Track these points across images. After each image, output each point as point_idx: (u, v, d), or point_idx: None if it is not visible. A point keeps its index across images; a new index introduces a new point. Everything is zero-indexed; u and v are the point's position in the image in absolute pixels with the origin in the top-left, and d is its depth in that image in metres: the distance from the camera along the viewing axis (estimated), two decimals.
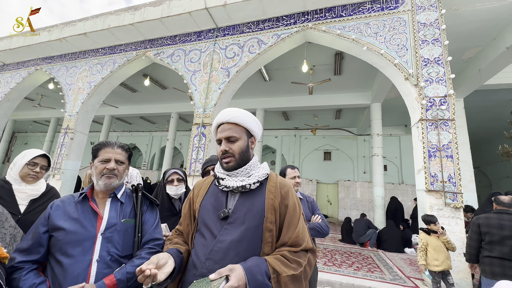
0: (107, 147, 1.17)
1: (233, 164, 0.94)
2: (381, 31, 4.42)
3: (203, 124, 5.22)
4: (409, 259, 5.15)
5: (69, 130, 6.52)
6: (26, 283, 0.91)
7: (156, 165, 16.11)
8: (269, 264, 0.79)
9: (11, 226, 1.12)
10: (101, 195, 1.15)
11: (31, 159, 1.40)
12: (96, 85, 6.58)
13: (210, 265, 0.83)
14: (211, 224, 0.91)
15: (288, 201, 0.93)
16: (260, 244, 0.87)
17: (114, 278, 0.98)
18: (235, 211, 0.91)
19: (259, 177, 0.95)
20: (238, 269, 0.74)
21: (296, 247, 0.86)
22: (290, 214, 0.91)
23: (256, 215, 0.89)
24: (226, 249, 0.84)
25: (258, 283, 0.74)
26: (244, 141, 0.97)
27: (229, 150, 0.95)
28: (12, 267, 0.95)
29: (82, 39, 6.64)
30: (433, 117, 3.81)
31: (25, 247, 1.00)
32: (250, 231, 0.87)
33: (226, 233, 0.87)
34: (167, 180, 1.78)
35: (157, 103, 11.57)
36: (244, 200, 0.93)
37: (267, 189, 0.94)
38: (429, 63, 4.01)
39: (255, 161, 0.99)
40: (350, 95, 8.85)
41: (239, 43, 5.39)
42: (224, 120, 0.98)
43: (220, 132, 0.98)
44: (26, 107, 13.08)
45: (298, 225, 0.90)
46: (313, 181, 12.92)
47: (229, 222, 0.89)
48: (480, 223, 2.51)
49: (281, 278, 0.78)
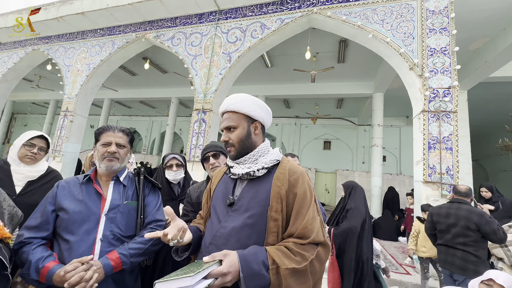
0: (108, 131, 1.20)
1: (233, 154, 0.93)
2: (388, 18, 4.28)
3: (203, 110, 5.18)
4: (402, 247, 5.29)
5: (69, 113, 6.48)
6: (35, 256, 0.95)
7: (156, 150, 16.16)
8: (269, 254, 0.75)
9: (9, 206, 1.13)
10: (105, 178, 1.19)
11: (28, 139, 1.40)
12: (95, 67, 6.46)
13: (212, 250, 0.82)
14: (219, 211, 0.93)
15: (297, 189, 0.87)
16: (264, 233, 0.83)
17: (117, 252, 1.03)
18: (240, 198, 0.90)
19: (266, 164, 0.91)
20: (232, 255, 0.73)
21: (303, 239, 0.79)
22: (298, 203, 0.85)
23: (260, 202, 0.85)
24: (227, 235, 0.84)
25: (252, 272, 0.70)
26: (243, 128, 0.93)
27: (229, 140, 0.93)
28: (21, 242, 0.99)
29: (80, 19, 6.44)
30: (435, 108, 3.78)
31: (34, 224, 1.04)
32: (253, 219, 0.84)
33: (229, 219, 0.87)
34: (166, 165, 1.79)
35: (157, 87, 11.42)
36: (250, 187, 0.91)
37: (275, 176, 0.90)
38: (435, 53, 3.92)
39: (264, 147, 0.95)
40: (353, 84, 8.72)
41: (242, 27, 5.24)
42: (223, 109, 0.98)
43: (222, 121, 0.98)
44: (24, 88, 12.92)
45: (307, 215, 0.83)
46: (311, 170, 13.01)
47: (234, 209, 0.89)
48: (433, 212, 2.59)
49: (280, 270, 0.72)
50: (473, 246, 2.25)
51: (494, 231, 2.15)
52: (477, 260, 2.20)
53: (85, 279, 0.88)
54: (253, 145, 0.94)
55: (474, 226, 2.25)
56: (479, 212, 2.28)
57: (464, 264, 2.24)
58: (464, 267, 2.24)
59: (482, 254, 2.22)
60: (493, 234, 2.16)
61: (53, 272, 0.91)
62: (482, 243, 2.24)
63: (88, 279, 0.89)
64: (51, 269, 0.92)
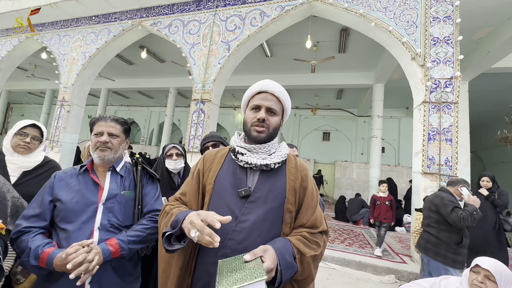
0: (100, 121, 1.19)
1: (264, 136, 0.89)
2: (391, 5, 4.17)
3: (202, 100, 5.12)
4: (398, 237, 5.38)
5: (65, 103, 6.39)
6: (35, 243, 0.95)
7: (155, 141, 16.11)
8: (293, 245, 0.80)
9: (13, 197, 1.12)
10: (101, 169, 1.18)
11: (20, 128, 1.36)
12: (91, 56, 6.32)
13: (233, 245, 0.80)
14: (229, 202, 0.87)
15: (307, 184, 0.94)
16: (281, 224, 0.87)
17: (115, 239, 1.04)
18: (257, 190, 0.87)
19: (282, 157, 0.92)
20: (271, 250, 0.74)
21: (314, 229, 0.88)
22: (308, 197, 0.92)
23: (278, 195, 0.88)
24: (249, 229, 0.82)
25: (287, 264, 0.75)
26: (279, 119, 0.95)
27: (267, 120, 0.90)
28: (19, 231, 0.99)
29: (74, 5, 6.25)
30: (436, 99, 3.75)
31: (31, 213, 1.03)
32: (273, 212, 0.86)
33: (247, 212, 0.84)
34: (166, 154, 1.78)
35: (154, 77, 11.26)
36: (266, 179, 0.90)
37: (288, 170, 0.93)
38: (438, 42, 3.85)
39: (275, 140, 0.97)
40: (353, 74, 8.63)
41: (241, 15, 5.11)
42: (269, 89, 0.93)
43: (262, 99, 0.91)
44: (20, 78, 12.70)
45: (316, 208, 0.91)
46: (310, 161, 13.07)
47: (250, 201, 0.86)
48: (424, 200, 2.71)
49: (305, 258, 0.80)
50: (434, 228, 2.36)
51: (448, 213, 2.22)
52: (438, 242, 2.29)
53: (88, 260, 0.89)
54: (274, 137, 0.94)
55: (434, 208, 2.38)
56: (442, 196, 2.38)
57: (425, 245, 2.39)
58: (426, 247, 2.38)
59: (444, 236, 2.27)
60: (447, 216, 2.24)
61: (53, 256, 0.91)
62: (445, 225, 2.29)
63: (90, 260, 0.90)
64: (51, 253, 0.92)
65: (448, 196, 2.36)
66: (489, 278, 1.23)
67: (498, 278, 1.21)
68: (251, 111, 0.93)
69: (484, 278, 1.24)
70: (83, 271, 0.88)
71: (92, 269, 0.90)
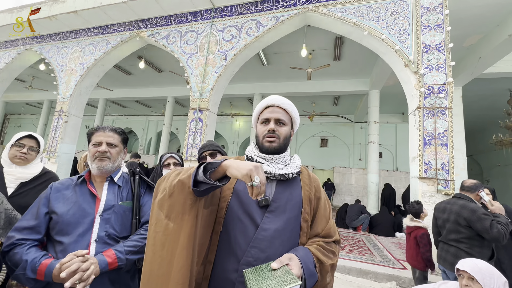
0: (98, 131, 1.19)
1: (276, 146, 0.93)
2: (383, 15, 4.29)
3: (199, 109, 5.15)
4: (399, 242, 5.35)
5: (63, 113, 6.40)
6: (30, 256, 0.93)
7: (152, 150, 16.06)
8: (313, 254, 0.83)
9: (7, 209, 1.11)
10: (99, 179, 1.17)
11: (16, 140, 1.38)
12: (89, 66, 6.38)
13: (256, 254, 0.80)
14: (251, 210, 0.87)
15: (320, 194, 0.98)
16: (299, 233, 0.89)
17: (112, 250, 1.02)
18: (276, 200, 0.89)
19: (297, 168, 0.96)
20: (296, 258, 0.77)
21: (328, 238, 0.92)
22: (322, 207, 0.96)
23: (296, 205, 0.91)
24: (271, 237, 0.83)
25: (310, 272, 0.77)
26: (289, 129, 0.98)
27: (276, 131, 0.94)
28: (12, 244, 0.96)
29: (72, 18, 6.35)
30: (430, 105, 3.81)
31: (25, 225, 1.00)
32: (291, 221, 0.88)
33: (268, 221, 0.85)
34: (164, 164, 1.78)
35: (152, 86, 11.33)
36: (283, 189, 0.92)
37: (302, 180, 0.97)
38: (430, 49, 3.95)
39: (288, 152, 1.00)
40: (349, 81, 8.75)
41: (237, 25, 5.22)
42: (275, 103, 0.98)
43: (270, 112, 0.97)
44: (17, 89, 12.72)
45: (329, 218, 0.96)
46: (309, 167, 13.06)
47: (270, 210, 0.87)
48: (435, 207, 2.50)
49: (324, 267, 0.82)
50: (465, 243, 2.11)
51: (486, 229, 1.94)
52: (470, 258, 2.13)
53: (82, 269, 0.88)
54: (286, 147, 0.98)
55: (464, 222, 2.10)
56: (472, 207, 2.09)
57: (454, 261, 2.08)
58: (454, 264, 2.17)
59: (476, 252, 2.05)
60: (485, 232, 1.96)
61: (52, 267, 0.90)
62: (477, 241, 2.06)
63: (85, 269, 0.89)
64: (49, 264, 0.91)
65: (478, 208, 2.08)
66: (472, 279, 1.23)
67: (479, 277, 1.21)
68: (262, 125, 0.98)
69: (468, 280, 1.25)
70: (77, 280, 0.86)
71: (87, 278, 0.89)
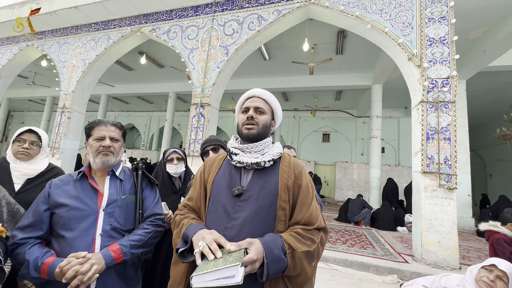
0: (100, 125, 1.17)
1: (254, 132, 0.96)
2: (386, 7, 4.23)
3: (201, 104, 5.15)
4: (400, 237, 5.37)
5: (66, 109, 6.43)
6: (33, 255, 0.93)
7: (155, 145, 16.13)
8: (284, 241, 0.82)
9: (9, 203, 1.11)
10: (99, 174, 1.16)
11: (17, 135, 1.38)
12: (91, 62, 6.38)
13: None
14: (224, 201, 0.92)
15: (301, 181, 0.96)
16: (274, 222, 0.89)
17: (117, 244, 1.03)
18: (249, 189, 0.91)
19: (273, 156, 0.96)
20: (257, 243, 0.77)
21: (309, 225, 0.89)
22: (303, 194, 0.93)
23: (270, 193, 0.91)
24: (240, 226, 0.85)
25: (275, 257, 0.77)
26: (269, 117, 1.02)
27: (255, 118, 0.98)
28: (15, 243, 0.97)
29: (73, 13, 6.32)
30: (434, 99, 3.78)
31: (26, 224, 1.01)
32: (263, 209, 0.88)
33: (239, 210, 0.88)
34: (167, 159, 1.79)
35: (154, 82, 11.32)
36: (258, 178, 0.94)
37: (281, 168, 0.96)
38: (434, 42, 3.89)
39: (268, 140, 1.01)
40: (351, 75, 8.68)
41: (238, 19, 5.17)
42: (255, 94, 1.03)
43: (250, 102, 1.02)
44: (20, 85, 12.77)
45: (311, 204, 0.92)
46: (311, 162, 13.07)
47: (243, 199, 0.90)
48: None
49: (295, 253, 0.81)
50: None
51: None
52: None
53: (81, 272, 0.87)
54: (265, 136, 1.00)
55: None
56: None
57: None
58: None
59: None
60: None
61: (55, 266, 0.90)
62: None
63: (84, 272, 0.88)
64: (52, 263, 0.91)
65: None
66: (501, 279, 1.27)
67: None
68: (242, 114, 1.03)
69: (496, 278, 1.28)
70: (77, 284, 0.87)
71: (88, 280, 0.89)
